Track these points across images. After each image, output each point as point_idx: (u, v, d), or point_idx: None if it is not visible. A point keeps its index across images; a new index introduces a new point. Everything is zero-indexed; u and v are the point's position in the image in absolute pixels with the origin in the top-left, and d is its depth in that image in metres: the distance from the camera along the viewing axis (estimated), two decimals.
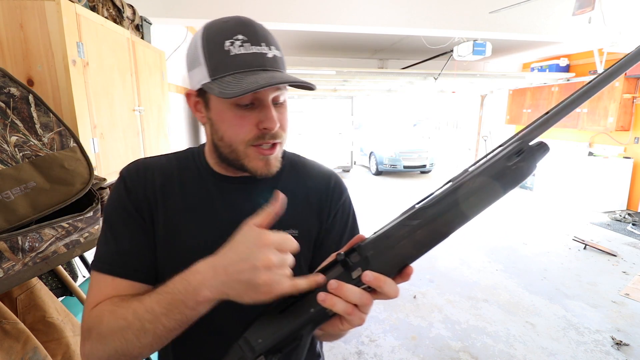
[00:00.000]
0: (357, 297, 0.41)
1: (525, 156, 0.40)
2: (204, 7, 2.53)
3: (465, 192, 0.40)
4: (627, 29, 3.08)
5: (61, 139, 0.81)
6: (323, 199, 0.65)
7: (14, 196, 0.69)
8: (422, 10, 2.86)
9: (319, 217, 0.65)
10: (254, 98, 0.52)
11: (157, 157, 0.65)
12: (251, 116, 0.53)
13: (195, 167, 0.64)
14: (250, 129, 0.53)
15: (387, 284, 0.41)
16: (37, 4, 0.99)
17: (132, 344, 0.46)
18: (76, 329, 0.93)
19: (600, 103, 5.13)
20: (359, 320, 0.42)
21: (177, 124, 3.12)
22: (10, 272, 0.68)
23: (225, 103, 0.53)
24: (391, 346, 2.23)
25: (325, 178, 0.67)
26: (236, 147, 0.55)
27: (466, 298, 2.80)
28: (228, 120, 0.54)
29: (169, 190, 0.60)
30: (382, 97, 8.96)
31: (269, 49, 0.52)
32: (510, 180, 0.40)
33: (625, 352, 2.14)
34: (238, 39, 0.50)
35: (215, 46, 0.51)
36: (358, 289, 0.41)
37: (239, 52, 0.50)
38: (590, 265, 3.38)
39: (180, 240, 0.58)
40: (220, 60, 0.50)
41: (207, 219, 0.60)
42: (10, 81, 0.75)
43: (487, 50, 4.03)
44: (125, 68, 1.45)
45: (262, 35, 0.52)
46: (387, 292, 0.41)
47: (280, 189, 0.61)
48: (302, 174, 0.67)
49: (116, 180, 0.61)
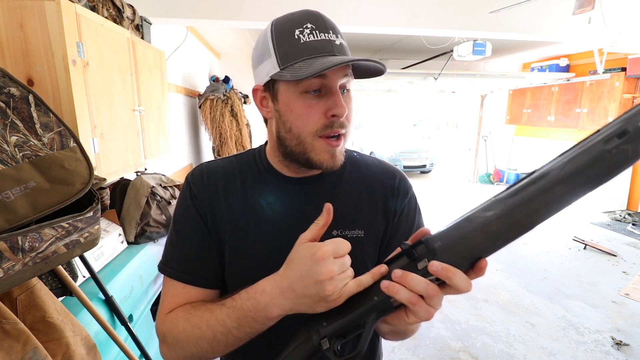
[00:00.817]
0: (422, 287, 0.40)
1: (631, 137, 0.33)
2: (204, 7, 2.52)
3: (551, 181, 0.36)
4: (627, 29, 3.08)
5: (61, 139, 0.81)
6: (389, 198, 0.64)
7: (14, 196, 0.69)
8: (422, 10, 2.86)
9: (385, 216, 0.63)
10: (321, 84, 0.52)
11: (219, 160, 0.67)
12: (319, 104, 0.53)
13: (257, 168, 0.64)
14: (319, 118, 0.53)
15: (457, 275, 0.39)
16: (37, 4, 0.99)
17: (206, 350, 0.50)
18: (76, 329, 0.92)
19: (600, 103, 5.12)
20: (426, 313, 0.41)
21: (177, 124, 3.12)
22: (10, 272, 0.68)
23: (294, 92, 0.53)
24: (391, 346, 2.23)
25: (390, 176, 0.66)
26: (304, 138, 0.54)
27: (466, 298, 2.80)
28: (297, 110, 0.54)
29: (231, 193, 0.61)
30: (382, 97, 8.95)
31: (336, 37, 0.53)
32: (610, 167, 0.34)
33: (625, 352, 2.14)
34: (307, 28, 0.51)
35: (285, 36, 0.52)
36: (423, 279, 0.40)
37: (308, 40, 0.51)
38: (590, 265, 3.38)
39: (245, 244, 0.59)
40: (290, 48, 0.51)
41: (270, 221, 0.60)
42: (10, 81, 0.75)
43: (487, 50, 4.03)
44: (125, 68, 1.45)
45: (329, 24, 0.53)
46: (457, 285, 0.39)
47: (343, 189, 0.63)
48: (365, 172, 0.66)
49: (183, 184, 0.64)
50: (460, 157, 9.14)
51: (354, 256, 0.56)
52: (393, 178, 0.66)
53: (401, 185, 0.65)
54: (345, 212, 0.60)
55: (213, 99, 3.63)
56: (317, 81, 0.51)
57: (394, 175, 0.66)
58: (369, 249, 0.62)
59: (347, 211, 0.60)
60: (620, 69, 4.82)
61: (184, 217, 0.61)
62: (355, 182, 0.64)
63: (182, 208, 0.62)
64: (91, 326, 1.07)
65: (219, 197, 0.61)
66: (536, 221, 0.38)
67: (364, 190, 0.63)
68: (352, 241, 0.56)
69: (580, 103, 5.42)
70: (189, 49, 3.58)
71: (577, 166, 0.35)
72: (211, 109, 3.61)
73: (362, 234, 0.60)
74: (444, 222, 0.43)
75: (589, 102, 5.29)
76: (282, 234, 0.58)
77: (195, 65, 3.93)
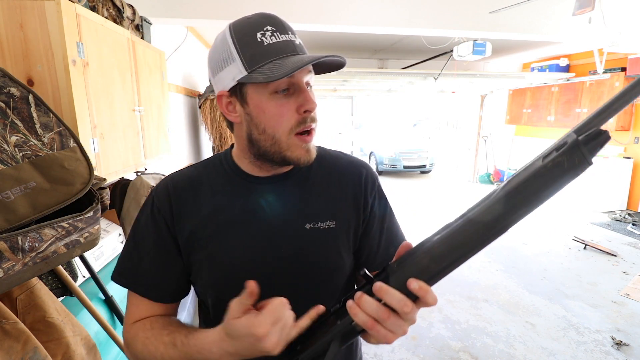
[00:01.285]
0: (373, 310, 0.40)
1: (567, 149, 0.33)
2: (204, 7, 2.52)
3: (491, 201, 0.37)
4: (627, 29, 3.08)
5: (61, 139, 0.81)
6: (357, 190, 0.66)
7: (14, 196, 0.69)
8: (422, 10, 2.86)
9: (355, 207, 0.65)
10: (289, 83, 0.54)
11: (184, 169, 0.67)
12: (290, 102, 0.55)
13: (224, 171, 0.64)
14: (292, 115, 0.55)
15: (390, 294, 0.40)
16: (37, 4, 0.99)
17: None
18: (76, 329, 0.92)
19: (600, 103, 5.12)
20: (384, 338, 0.42)
21: (177, 124, 3.12)
22: (10, 272, 0.68)
23: (265, 94, 0.54)
24: (391, 346, 2.23)
25: (357, 168, 0.68)
26: (279, 138, 0.55)
27: (466, 298, 2.80)
28: (269, 110, 0.54)
29: (201, 199, 0.61)
30: (382, 97, 8.95)
31: (294, 37, 0.55)
32: (547, 181, 0.34)
33: (625, 352, 2.14)
34: (268, 30, 0.53)
35: (247, 39, 0.53)
36: (374, 302, 0.41)
37: (272, 42, 0.52)
38: (590, 265, 3.38)
39: (221, 246, 0.60)
40: (255, 51, 0.52)
41: (243, 221, 0.60)
42: (10, 81, 0.75)
43: (487, 50, 4.02)
44: (125, 68, 1.45)
45: (287, 26, 0.55)
46: (393, 304, 0.40)
47: (312, 183, 0.65)
48: (332, 166, 0.68)
49: (147, 197, 0.64)
50: (460, 157, 9.14)
51: (327, 246, 0.61)
52: (360, 170, 0.68)
53: (368, 177, 0.68)
54: (316, 205, 0.62)
55: (213, 99, 3.63)
56: (286, 80, 0.53)
57: (360, 167, 0.69)
58: (342, 238, 0.64)
59: (318, 204, 0.63)
60: (620, 69, 4.83)
61: (144, 231, 0.61)
62: (323, 175, 0.66)
63: (143, 222, 0.62)
64: (91, 326, 1.07)
65: (187, 205, 0.61)
66: (473, 248, 0.38)
67: (333, 183, 0.66)
68: (325, 232, 0.61)
69: (580, 103, 5.42)
70: (189, 49, 3.58)
71: (516, 184, 0.35)
72: (211, 109, 3.61)
73: (333, 224, 0.62)
74: (444, 222, 0.43)
75: (589, 102, 5.29)
76: (257, 230, 0.60)
77: (195, 65, 3.93)
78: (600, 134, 0.33)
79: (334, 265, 0.63)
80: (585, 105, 5.34)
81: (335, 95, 7.74)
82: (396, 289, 0.40)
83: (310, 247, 0.61)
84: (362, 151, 9.51)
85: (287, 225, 0.60)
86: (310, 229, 0.61)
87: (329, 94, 7.47)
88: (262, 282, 0.56)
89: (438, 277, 0.40)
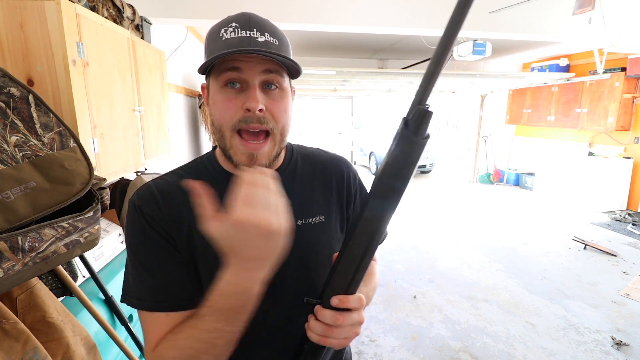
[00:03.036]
0: (320, 330, 0.49)
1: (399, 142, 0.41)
2: (204, 7, 2.53)
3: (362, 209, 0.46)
4: (627, 29, 3.07)
5: (61, 139, 0.81)
6: (341, 185, 0.70)
7: (14, 196, 0.69)
8: (422, 10, 2.86)
9: (339, 200, 0.69)
10: (238, 78, 0.54)
11: (164, 175, 0.64)
12: (238, 98, 0.55)
13: (209, 174, 0.63)
14: (236, 111, 0.54)
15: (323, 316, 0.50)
16: (37, 4, 0.99)
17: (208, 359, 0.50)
18: (76, 329, 0.92)
19: (600, 103, 5.12)
20: (339, 344, 0.50)
21: (177, 124, 3.12)
22: (10, 272, 0.68)
23: (216, 86, 0.56)
24: (391, 346, 2.23)
25: (339, 165, 0.72)
26: (224, 132, 0.56)
27: (466, 298, 2.80)
28: (218, 102, 0.56)
29: (189, 204, 0.57)
30: (382, 97, 8.95)
31: (260, 34, 0.54)
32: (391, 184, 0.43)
33: (625, 352, 2.14)
34: (231, 26, 0.54)
35: (213, 36, 0.56)
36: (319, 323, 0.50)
37: (229, 37, 0.54)
38: (590, 265, 3.38)
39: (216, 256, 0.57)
40: (214, 45, 0.55)
41: None
42: (10, 81, 0.75)
43: (487, 50, 4.03)
44: (125, 68, 1.45)
45: (255, 23, 0.55)
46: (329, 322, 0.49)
47: (299, 182, 0.66)
48: (315, 163, 0.71)
49: (129, 211, 0.58)
50: (460, 157, 9.14)
51: (319, 240, 0.64)
52: (340, 165, 0.72)
53: (350, 172, 0.72)
54: (305, 203, 0.65)
55: None
56: (234, 74, 0.54)
57: (340, 163, 0.73)
58: (332, 231, 0.67)
59: (306, 201, 0.65)
60: (620, 69, 4.82)
61: (144, 245, 0.56)
62: (308, 173, 0.68)
63: (138, 235, 0.57)
64: (91, 326, 1.07)
65: (182, 213, 0.57)
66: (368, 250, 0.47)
67: (317, 180, 0.68)
68: (316, 226, 0.64)
69: (580, 103, 5.42)
70: (189, 49, 3.58)
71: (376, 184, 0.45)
72: None
73: (322, 219, 0.65)
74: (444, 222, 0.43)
75: (589, 102, 5.29)
76: None
77: (195, 65, 3.93)
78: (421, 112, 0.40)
79: (327, 257, 0.62)
80: (585, 105, 5.34)
81: (335, 95, 7.74)
82: (328, 308, 0.49)
83: (303, 243, 0.61)
84: (362, 151, 9.50)
85: None
86: (302, 225, 0.63)
87: (329, 94, 7.47)
88: None
89: (352, 286, 0.49)
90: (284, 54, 0.55)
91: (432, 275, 3.19)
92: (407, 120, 0.41)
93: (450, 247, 3.87)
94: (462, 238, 4.11)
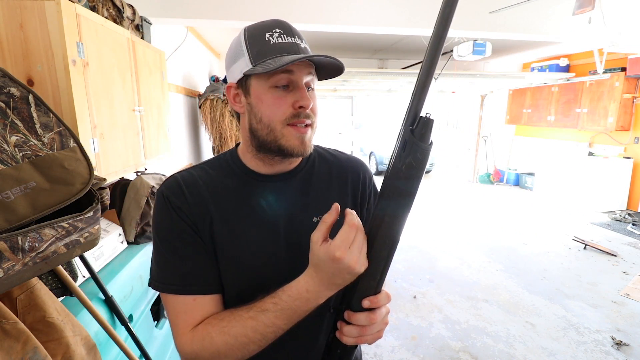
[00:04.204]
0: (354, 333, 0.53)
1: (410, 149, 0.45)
2: (204, 7, 2.52)
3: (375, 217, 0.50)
4: (627, 29, 3.07)
5: (61, 139, 0.81)
6: (356, 186, 0.72)
7: (14, 196, 0.69)
8: (422, 10, 2.86)
9: (354, 202, 0.71)
10: (289, 80, 0.58)
11: (190, 169, 0.67)
12: (287, 97, 0.59)
13: (232, 171, 0.66)
14: (287, 108, 0.59)
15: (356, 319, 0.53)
16: (37, 4, 0.99)
17: (253, 350, 0.55)
18: (76, 329, 0.92)
19: (600, 103, 5.12)
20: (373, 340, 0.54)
21: (177, 124, 3.12)
22: (10, 272, 0.68)
23: (265, 86, 0.59)
24: (391, 346, 2.23)
25: (355, 166, 0.75)
26: (274, 127, 0.59)
27: (466, 298, 2.80)
28: (267, 101, 0.59)
29: (211, 198, 0.62)
30: (382, 97, 8.94)
31: (301, 41, 0.60)
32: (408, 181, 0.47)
33: (625, 352, 2.14)
34: (276, 32, 0.58)
35: (257, 38, 0.59)
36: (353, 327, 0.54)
37: (277, 41, 0.58)
38: (590, 265, 3.38)
39: (233, 241, 0.61)
40: (261, 48, 0.58)
41: (254, 217, 0.63)
42: (10, 81, 0.75)
43: (487, 50, 4.02)
44: (125, 68, 1.45)
45: (295, 31, 0.61)
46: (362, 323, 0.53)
47: (316, 181, 0.69)
48: (332, 163, 0.73)
49: (158, 200, 0.62)
50: (460, 157, 9.14)
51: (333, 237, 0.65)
52: (357, 166, 0.75)
53: (366, 174, 0.75)
54: (321, 200, 0.68)
55: (213, 99, 3.63)
56: (285, 77, 0.58)
57: (357, 165, 0.75)
58: None
59: (322, 198, 0.68)
60: (620, 69, 4.83)
61: (171, 232, 0.60)
62: (325, 173, 0.71)
63: (165, 223, 0.60)
64: (91, 326, 1.07)
65: (207, 205, 0.61)
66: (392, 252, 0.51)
67: (334, 179, 0.71)
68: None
69: (580, 103, 5.42)
70: (189, 49, 3.58)
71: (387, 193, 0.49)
72: (211, 109, 3.62)
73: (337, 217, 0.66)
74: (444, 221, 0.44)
75: (589, 102, 5.29)
76: (267, 228, 0.63)
77: (195, 65, 3.93)
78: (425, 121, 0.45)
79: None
80: (585, 105, 5.34)
81: (335, 95, 7.74)
82: (359, 311, 0.53)
83: None
84: (362, 151, 9.50)
85: (295, 219, 0.65)
86: (317, 222, 0.64)
87: (329, 94, 7.47)
88: (275, 273, 0.62)
89: (379, 287, 0.53)
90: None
91: (432, 275, 3.19)
92: (413, 130, 0.45)
93: (450, 247, 3.87)
94: (462, 238, 4.11)
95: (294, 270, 0.62)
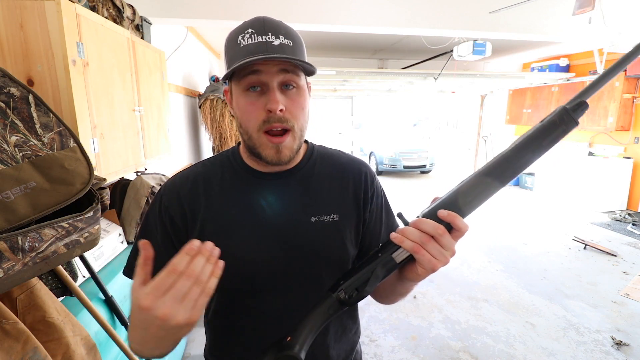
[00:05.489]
0: (416, 236, 0.48)
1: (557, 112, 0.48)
2: (204, 7, 2.52)
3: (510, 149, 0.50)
4: (627, 29, 3.08)
5: (61, 139, 0.81)
6: (358, 187, 0.70)
7: (14, 196, 0.69)
8: (422, 10, 2.86)
9: (356, 202, 0.70)
10: (258, 82, 0.57)
11: (191, 167, 0.69)
12: (259, 101, 0.57)
13: (232, 167, 0.67)
14: (260, 113, 0.57)
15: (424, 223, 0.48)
16: (37, 4, 0.99)
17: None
18: (76, 329, 0.92)
19: (600, 103, 5.12)
20: (429, 263, 0.48)
21: (177, 124, 3.12)
22: (10, 272, 0.68)
23: (239, 90, 0.59)
24: (391, 346, 2.23)
25: (357, 167, 0.73)
26: (251, 134, 0.59)
27: (466, 298, 2.80)
28: (242, 107, 0.59)
29: (211, 194, 0.64)
30: (382, 97, 8.95)
31: (275, 38, 0.56)
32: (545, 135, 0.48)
33: (625, 352, 2.14)
34: (247, 32, 0.56)
35: (231, 43, 0.58)
36: (415, 230, 0.48)
37: (246, 43, 0.56)
38: (590, 265, 3.38)
39: (230, 239, 0.62)
40: (233, 52, 0.57)
41: (251, 215, 0.63)
42: (10, 81, 0.75)
43: (487, 50, 4.02)
44: (125, 68, 1.45)
45: (270, 27, 0.57)
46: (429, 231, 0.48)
47: (316, 180, 0.68)
48: (334, 164, 0.72)
49: (155, 198, 0.67)
50: (460, 157, 9.15)
51: (332, 238, 0.65)
52: (359, 168, 0.73)
53: (368, 175, 0.73)
54: (320, 200, 0.67)
55: (213, 99, 3.63)
56: (254, 78, 0.56)
57: (360, 166, 0.74)
58: (346, 231, 0.68)
59: (321, 199, 0.67)
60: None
61: (149, 224, 0.64)
62: (326, 172, 0.70)
63: (151, 220, 0.65)
64: (91, 326, 1.07)
65: (198, 201, 0.63)
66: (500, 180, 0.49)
67: (335, 179, 0.70)
68: (330, 224, 0.66)
69: None
70: (189, 49, 3.58)
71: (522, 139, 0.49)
72: (211, 109, 3.61)
73: (337, 217, 0.66)
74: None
75: (589, 102, 5.28)
76: (265, 226, 0.63)
77: (195, 65, 3.93)
78: (582, 103, 0.48)
79: (339, 256, 0.66)
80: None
81: (335, 95, 7.74)
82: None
83: (315, 239, 0.64)
84: (362, 151, 9.50)
85: (293, 218, 0.64)
86: (315, 222, 0.64)
87: (329, 94, 7.47)
88: (269, 272, 0.61)
89: (464, 210, 0.49)
90: (298, 54, 0.58)
91: (432, 275, 3.16)
92: (573, 107, 0.47)
93: None
94: (462, 238, 4.11)
95: (288, 271, 0.62)
